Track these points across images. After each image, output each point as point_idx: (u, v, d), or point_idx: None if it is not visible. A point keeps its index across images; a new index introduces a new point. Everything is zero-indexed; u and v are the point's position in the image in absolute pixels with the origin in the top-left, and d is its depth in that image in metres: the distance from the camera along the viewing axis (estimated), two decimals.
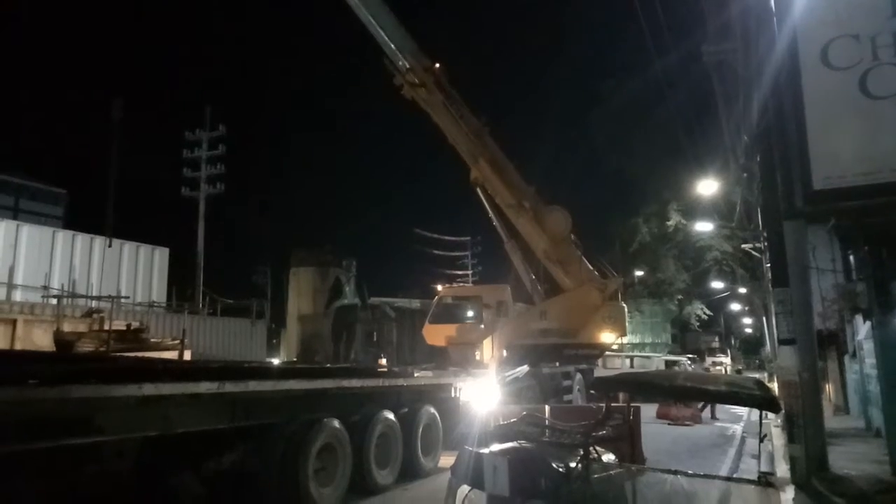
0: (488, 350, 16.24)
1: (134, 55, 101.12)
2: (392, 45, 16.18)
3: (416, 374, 10.94)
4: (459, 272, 54.92)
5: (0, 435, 4.47)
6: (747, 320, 52.91)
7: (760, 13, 9.28)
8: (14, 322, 13.21)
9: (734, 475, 7.12)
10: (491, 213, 17.27)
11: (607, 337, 16.60)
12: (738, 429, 15.93)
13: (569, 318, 16.42)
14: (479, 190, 17.05)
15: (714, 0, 11.20)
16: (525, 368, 14.67)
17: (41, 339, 12.99)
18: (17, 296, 16.45)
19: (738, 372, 36.92)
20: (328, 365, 10.74)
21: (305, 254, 22.76)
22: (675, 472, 3.68)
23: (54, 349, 10.67)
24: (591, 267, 17.02)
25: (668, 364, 28.61)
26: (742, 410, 17.76)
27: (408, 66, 16.32)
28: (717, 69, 12.90)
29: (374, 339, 23.01)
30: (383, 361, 17.24)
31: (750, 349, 58.96)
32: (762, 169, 10.47)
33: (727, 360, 41.58)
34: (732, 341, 59.95)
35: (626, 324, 17.51)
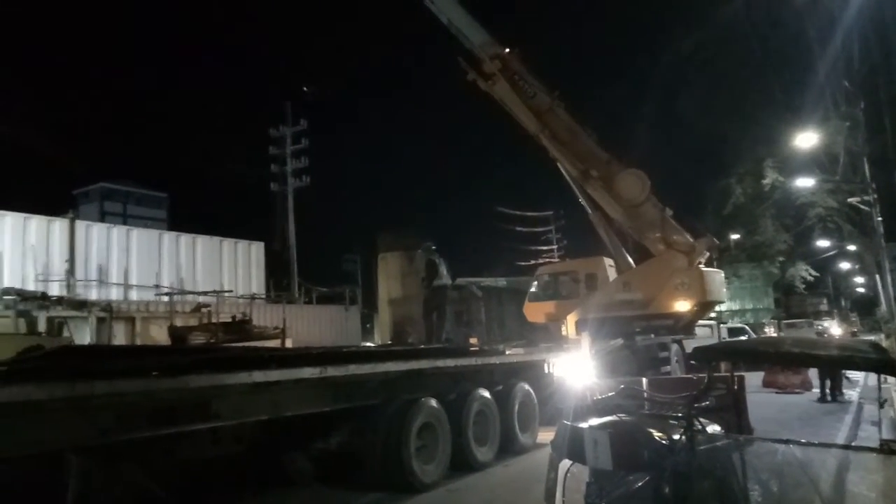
0: (572, 325, 16.12)
1: (216, 57, 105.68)
2: (469, 39, 16.64)
3: (507, 352, 11.00)
4: (544, 248, 54.40)
5: (130, 423, 4.88)
6: (859, 279, 49.35)
7: None
8: (133, 319, 14.33)
9: (852, 444, 6.74)
10: (573, 185, 16.99)
11: (682, 305, 15.66)
12: (853, 394, 15.00)
13: (652, 286, 15.78)
14: (559, 163, 16.85)
15: None
16: (619, 341, 14.41)
17: (157, 334, 14.04)
18: (133, 295, 17.78)
19: (853, 335, 34.56)
20: (422, 346, 10.99)
21: (392, 238, 23.25)
22: (787, 442, 3.52)
23: (170, 342, 11.47)
24: (680, 229, 16.24)
25: (732, 333, 26.84)
26: (857, 375, 16.70)
27: (480, 57, 16.53)
28: (810, 11, 12.04)
29: (464, 318, 23.26)
30: (474, 340, 17.42)
31: (864, 310, 55.03)
32: (868, 114, 9.66)
33: (832, 323, 38.65)
34: (843, 302, 56.19)
35: (716, 289, 16.26)
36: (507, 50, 16.71)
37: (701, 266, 15.71)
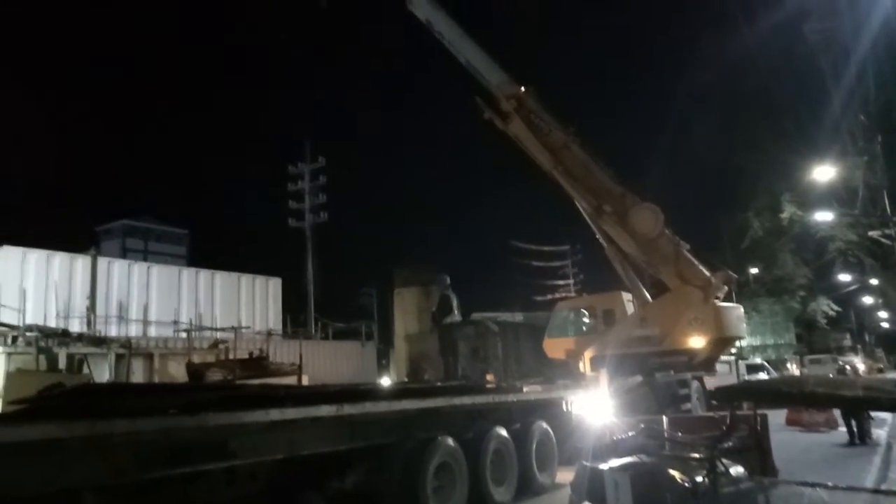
0: (588, 361, 16.02)
1: (238, 97, 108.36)
2: (486, 79, 17.13)
3: (525, 389, 10.88)
4: (560, 282, 54.16)
5: (147, 462, 4.88)
6: (883, 314, 48.39)
7: None
8: (151, 356, 14.41)
9: (882, 486, 6.55)
10: (589, 220, 17.02)
11: (696, 342, 15.17)
12: (882, 434, 14.58)
13: (667, 322, 15.56)
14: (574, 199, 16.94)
15: None
16: (638, 378, 14.22)
17: (175, 371, 14.09)
18: (152, 331, 17.91)
19: (879, 371, 33.73)
20: (438, 383, 10.93)
21: (408, 274, 23.31)
22: (814, 485, 3.44)
23: (187, 379, 11.51)
24: (696, 263, 16.07)
25: (750, 369, 26.05)
26: (885, 414, 16.25)
27: (497, 96, 17.03)
28: (823, 48, 12.12)
29: (480, 354, 23.10)
30: (490, 377, 17.25)
31: (889, 345, 53.80)
32: (886, 148, 9.61)
33: (857, 359, 37.73)
34: (867, 338, 55.03)
35: (732, 325, 15.82)
36: (523, 89, 17.01)
37: (716, 301, 15.49)
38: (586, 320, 17.29)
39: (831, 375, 15.16)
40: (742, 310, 17.15)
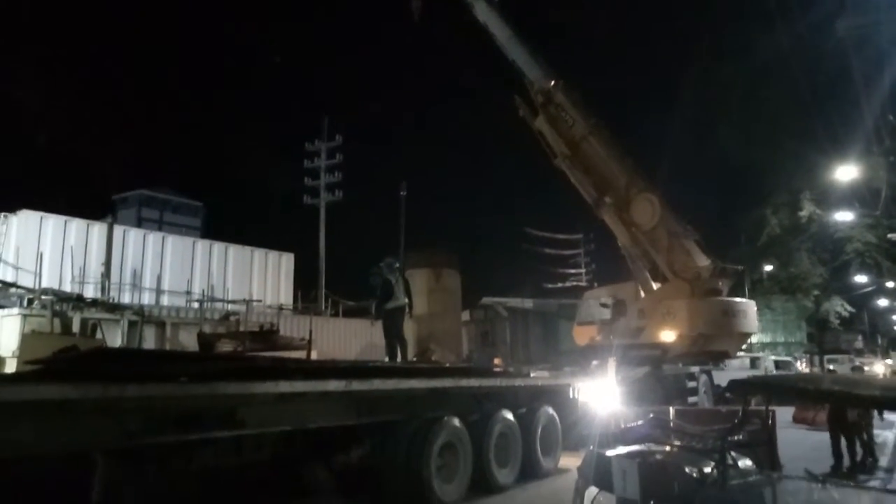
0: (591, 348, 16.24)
1: (260, 72, 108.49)
2: (526, 75, 17.71)
3: (532, 375, 10.90)
4: (572, 271, 53.99)
5: (157, 427, 4.93)
6: None
7: None
8: (163, 324, 14.55)
9: (888, 486, 6.50)
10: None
11: (667, 336, 15.00)
12: (889, 435, 14.47)
13: (658, 315, 15.47)
14: None
15: None
16: (646, 368, 14.21)
17: (186, 340, 14.21)
18: (165, 300, 18.06)
19: (895, 373, 33.48)
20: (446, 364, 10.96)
21: (418, 256, 23.33)
22: (823, 481, 3.42)
23: (198, 349, 11.58)
24: (689, 255, 15.75)
25: (778, 366, 25.57)
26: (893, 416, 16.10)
27: (530, 90, 17.54)
28: (855, 46, 11.87)
29: (489, 339, 23.14)
30: (498, 361, 17.29)
31: None
32: None
33: (874, 360, 37.36)
34: (879, 340, 54.54)
35: (712, 322, 15.20)
36: (553, 83, 17.21)
37: (697, 296, 15.17)
38: (607, 309, 17.27)
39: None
40: (748, 305, 16.77)
